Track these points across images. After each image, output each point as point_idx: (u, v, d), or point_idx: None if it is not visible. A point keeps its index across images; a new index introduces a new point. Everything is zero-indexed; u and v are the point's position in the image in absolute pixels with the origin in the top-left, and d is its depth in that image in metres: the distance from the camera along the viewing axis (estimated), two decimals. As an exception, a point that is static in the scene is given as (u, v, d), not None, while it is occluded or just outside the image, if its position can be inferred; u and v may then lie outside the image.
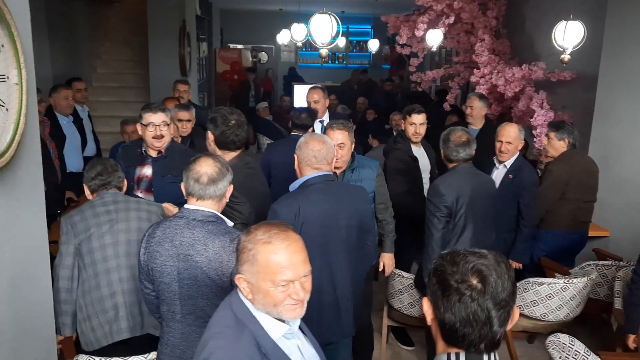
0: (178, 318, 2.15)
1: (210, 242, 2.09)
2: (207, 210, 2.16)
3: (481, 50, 6.18)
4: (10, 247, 1.95)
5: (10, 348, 1.96)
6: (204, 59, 10.68)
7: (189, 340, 2.15)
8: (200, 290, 2.10)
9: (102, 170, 2.72)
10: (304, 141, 2.61)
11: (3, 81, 1.81)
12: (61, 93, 4.99)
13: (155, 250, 2.11)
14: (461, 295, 1.27)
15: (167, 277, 2.11)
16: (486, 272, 1.28)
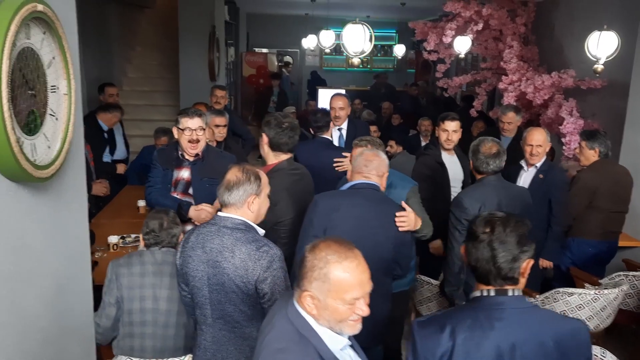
0: (209, 322, 2.25)
1: (237, 249, 2.16)
2: (237, 217, 2.23)
3: (509, 57, 6.15)
4: (56, 251, 2.03)
5: (55, 348, 2.04)
6: (231, 63, 10.81)
7: (219, 343, 2.24)
8: (227, 296, 2.19)
9: (156, 227, 2.69)
10: (360, 152, 2.83)
11: (54, 92, 1.89)
12: (107, 115, 5.26)
13: (189, 255, 2.22)
14: (476, 239, 1.70)
15: (199, 281, 2.21)
16: (495, 222, 1.70)
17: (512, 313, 1.66)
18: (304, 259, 1.64)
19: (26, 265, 1.80)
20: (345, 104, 4.70)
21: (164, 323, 2.64)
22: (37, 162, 1.76)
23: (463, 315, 1.70)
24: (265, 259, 2.16)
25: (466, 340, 1.63)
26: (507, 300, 1.68)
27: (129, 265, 2.64)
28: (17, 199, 1.72)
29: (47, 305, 1.97)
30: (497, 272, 1.67)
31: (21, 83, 1.65)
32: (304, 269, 1.63)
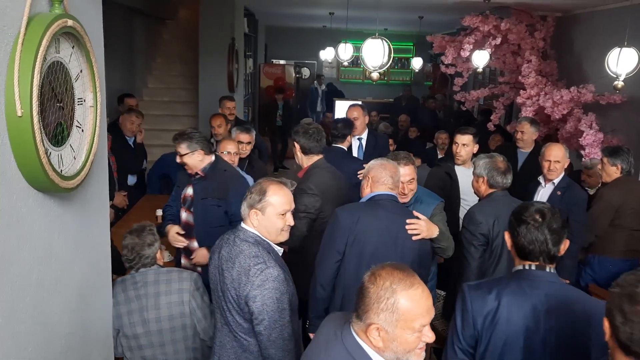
0: (218, 327, 2.37)
1: (237, 261, 2.22)
2: (250, 230, 2.27)
3: (528, 72, 6.14)
4: (80, 260, 2.07)
5: (78, 355, 2.07)
6: (249, 74, 10.92)
7: (224, 349, 2.33)
8: (227, 305, 2.27)
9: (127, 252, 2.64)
10: (379, 164, 2.82)
11: (80, 104, 1.94)
12: (130, 116, 5.24)
13: (211, 257, 2.37)
14: (527, 224, 2.02)
15: (213, 285, 2.34)
16: (545, 211, 2.05)
17: (549, 285, 2.00)
18: (365, 289, 1.57)
19: (52, 274, 1.84)
20: (359, 114, 4.73)
21: (162, 342, 2.63)
22: (63, 173, 1.80)
23: (508, 283, 2.05)
24: (259, 277, 2.15)
25: (509, 302, 1.99)
26: (546, 274, 2.02)
27: (113, 295, 2.56)
28: (44, 209, 1.77)
29: (71, 313, 2.00)
30: (547, 252, 2.01)
31: (50, 96, 1.69)
32: (366, 300, 1.57)
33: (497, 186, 3.22)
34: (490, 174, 3.23)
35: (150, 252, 2.66)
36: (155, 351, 2.64)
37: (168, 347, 2.64)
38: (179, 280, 2.64)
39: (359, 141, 4.83)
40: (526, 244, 2.02)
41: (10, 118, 1.51)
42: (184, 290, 2.62)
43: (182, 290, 2.62)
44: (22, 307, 1.64)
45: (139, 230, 2.70)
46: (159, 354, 2.64)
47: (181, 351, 2.67)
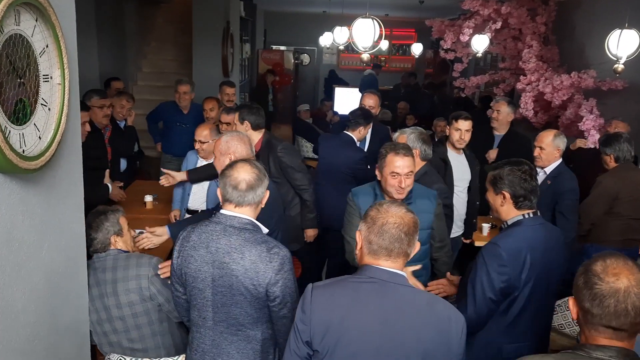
0: (209, 325, 2.14)
1: (247, 250, 2.06)
2: (244, 217, 2.14)
3: (529, 57, 6.01)
4: (48, 244, 1.97)
5: (46, 344, 1.99)
6: (246, 59, 10.77)
7: (220, 347, 2.14)
8: (234, 298, 2.09)
9: (90, 227, 2.54)
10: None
11: (46, 81, 1.84)
12: (121, 99, 5.12)
13: (190, 254, 2.11)
14: (525, 179, 2.37)
15: (201, 283, 2.10)
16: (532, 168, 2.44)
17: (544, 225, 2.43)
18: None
19: (14, 260, 1.75)
20: (375, 104, 4.73)
21: (126, 328, 2.55)
22: (26, 153, 1.70)
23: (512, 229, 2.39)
24: (277, 261, 2.07)
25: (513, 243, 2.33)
26: (539, 218, 2.43)
27: None
28: (4, 191, 1.67)
29: (37, 300, 1.91)
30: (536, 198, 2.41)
31: (9, 70, 1.59)
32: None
33: (426, 158, 3.26)
34: (422, 146, 3.28)
35: (101, 236, 2.57)
36: (120, 337, 2.55)
37: (133, 332, 2.55)
38: (137, 266, 2.54)
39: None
40: (523, 192, 2.36)
41: (-40, 92, 1.41)
42: (141, 276, 2.52)
43: (139, 277, 2.51)
44: (-22, 294, 1.55)
45: (95, 214, 2.62)
46: (124, 340, 2.56)
47: (147, 336, 2.57)
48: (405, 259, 1.80)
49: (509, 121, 4.81)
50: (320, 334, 1.73)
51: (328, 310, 1.74)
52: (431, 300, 1.78)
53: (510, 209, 2.41)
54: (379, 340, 1.70)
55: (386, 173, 2.81)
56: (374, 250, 1.78)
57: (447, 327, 1.73)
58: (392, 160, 2.78)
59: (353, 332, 1.72)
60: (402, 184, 2.78)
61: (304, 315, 1.76)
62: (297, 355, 1.79)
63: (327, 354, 1.74)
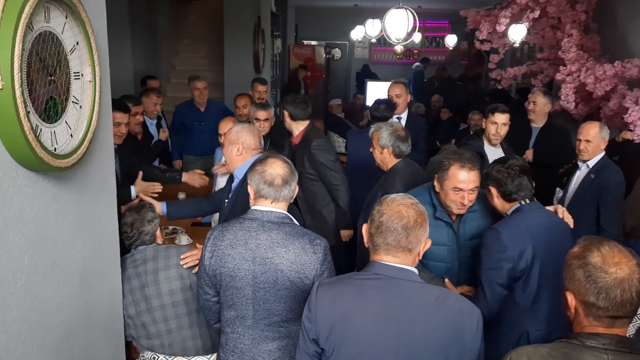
0: (249, 324, 2.09)
1: (290, 243, 2.03)
2: (281, 211, 2.10)
3: (568, 46, 5.79)
4: (81, 242, 1.97)
5: (80, 342, 1.99)
6: (277, 55, 10.75)
7: (260, 345, 2.10)
8: (278, 294, 2.04)
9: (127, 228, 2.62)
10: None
11: (77, 78, 1.83)
12: (151, 98, 5.07)
13: (227, 254, 2.06)
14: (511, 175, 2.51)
15: (240, 281, 2.06)
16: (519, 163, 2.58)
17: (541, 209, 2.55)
18: None
19: (48, 258, 1.75)
20: (402, 91, 4.62)
21: (165, 317, 2.56)
22: (57, 151, 1.69)
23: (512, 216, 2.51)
24: (321, 252, 2.05)
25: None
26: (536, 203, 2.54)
27: None
28: (36, 189, 1.67)
29: (71, 298, 1.91)
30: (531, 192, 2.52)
31: (39, 68, 1.58)
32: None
33: (401, 155, 3.17)
34: (395, 143, 3.16)
35: (150, 229, 2.63)
36: (159, 327, 2.55)
37: (172, 322, 2.55)
38: (178, 256, 2.57)
39: (398, 120, 4.66)
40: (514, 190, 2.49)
41: (-9, 91, 1.40)
42: (182, 265, 2.55)
43: (180, 265, 2.55)
44: (12, 293, 1.55)
45: (138, 207, 2.68)
46: (163, 331, 2.56)
47: (186, 326, 2.57)
48: (408, 254, 1.72)
49: (547, 112, 4.65)
50: (325, 332, 1.71)
51: (332, 308, 1.72)
52: (441, 295, 1.71)
53: (503, 203, 2.57)
54: (384, 337, 1.66)
55: (447, 187, 2.58)
56: (375, 245, 1.75)
57: (459, 321, 1.67)
58: (456, 174, 2.55)
59: (357, 330, 1.68)
60: (464, 200, 2.56)
61: (310, 313, 1.75)
62: (307, 354, 1.77)
63: (333, 352, 1.70)
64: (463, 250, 2.72)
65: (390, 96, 4.61)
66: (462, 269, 2.74)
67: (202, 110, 5.60)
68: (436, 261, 2.72)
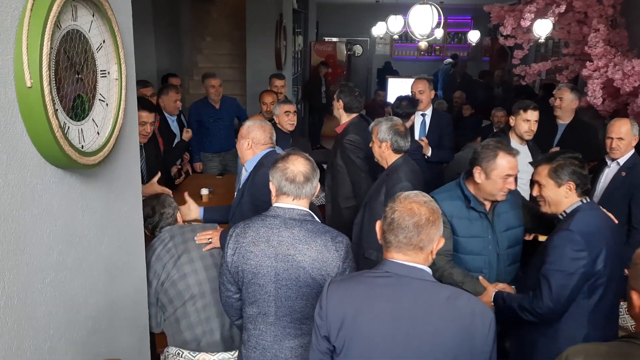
0: (271, 320, 2.09)
1: (312, 241, 2.03)
2: (303, 209, 2.10)
3: (595, 41, 5.67)
4: (107, 238, 2.00)
5: (106, 337, 2.01)
6: (299, 52, 10.75)
7: (282, 342, 2.10)
8: (300, 291, 2.04)
9: (150, 213, 2.72)
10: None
11: (104, 76, 1.84)
12: (170, 96, 5.04)
13: (249, 251, 2.07)
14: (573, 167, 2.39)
15: (262, 278, 2.06)
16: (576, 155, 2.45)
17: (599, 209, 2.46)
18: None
19: (75, 254, 1.77)
20: (425, 87, 4.57)
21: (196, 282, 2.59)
22: (84, 149, 1.71)
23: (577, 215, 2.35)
24: (343, 250, 2.05)
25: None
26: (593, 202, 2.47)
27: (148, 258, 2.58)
28: (64, 186, 1.69)
29: (97, 294, 1.94)
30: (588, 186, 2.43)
31: (67, 66, 1.60)
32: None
33: (400, 151, 3.14)
34: (394, 138, 3.13)
35: (171, 211, 2.76)
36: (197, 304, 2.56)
37: (205, 287, 2.58)
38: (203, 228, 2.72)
39: (422, 117, 4.65)
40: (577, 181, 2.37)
41: (20, 89, 1.42)
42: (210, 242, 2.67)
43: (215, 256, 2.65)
44: (40, 288, 1.57)
45: (156, 195, 2.84)
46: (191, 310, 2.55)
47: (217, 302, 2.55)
48: (419, 252, 1.69)
49: (573, 109, 4.56)
50: (335, 329, 1.70)
51: (342, 305, 1.71)
52: (453, 294, 1.68)
53: (573, 198, 2.42)
54: (394, 335, 1.64)
55: (497, 175, 2.57)
56: (387, 243, 1.73)
57: (470, 321, 1.63)
58: (506, 161, 2.58)
59: (367, 327, 1.66)
60: (512, 185, 2.61)
61: (321, 310, 1.74)
62: (319, 351, 1.77)
63: (343, 350, 1.70)
64: (500, 242, 2.69)
65: (413, 92, 4.58)
66: (501, 261, 2.71)
67: (217, 107, 5.61)
68: (473, 254, 2.70)
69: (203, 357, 2.30)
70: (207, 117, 5.56)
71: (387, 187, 3.10)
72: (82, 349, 1.84)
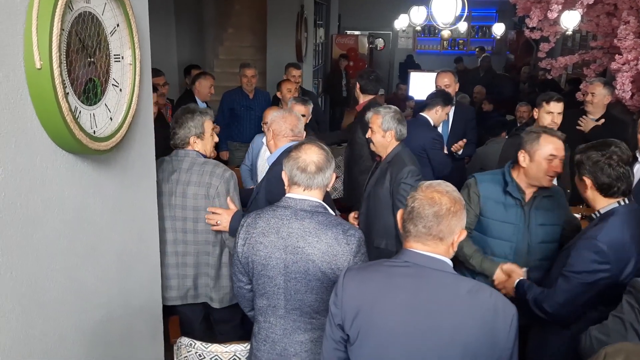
0: (281, 313, 2.04)
1: (323, 233, 1.96)
2: (314, 200, 2.03)
3: (625, 34, 5.48)
4: (120, 226, 1.97)
5: (119, 326, 2.00)
6: (320, 44, 10.67)
7: (291, 336, 2.04)
8: (309, 284, 1.98)
9: (176, 122, 2.66)
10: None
11: (117, 61, 1.81)
12: (208, 80, 5.13)
13: (259, 241, 2.01)
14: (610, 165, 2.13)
15: (272, 270, 2.00)
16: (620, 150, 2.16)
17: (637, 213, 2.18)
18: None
19: (86, 241, 1.75)
20: (451, 81, 4.52)
21: (184, 229, 2.65)
22: (97, 134, 1.68)
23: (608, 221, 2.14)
24: (354, 243, 1.98)
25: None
26: (634, 204, 2.20)
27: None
28: (75, 172, 1.66)
29: (109, 282, 1.92)
30: (631, 185, 2.18)
31: (78, 48, 1.56)
32: None
33: (401, 138, 3.12)
34: (398, 126, 3.09)
35: (182, 134, 2.65)
36: (177, 236, 2.66)
37: (190, 235, 2.65)
38: (210, 175, 2.62)
39: None
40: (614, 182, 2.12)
41: (30, 70, 1.39)
42: (211, 185, 2.61)
43: (209, 186, 2.61)
44: (49, 275, 1.55)
45: (184, 109, 2.71)
46: (180, 239, 2.66)
47: (202, 242, 2.66)
48: (439, 242, 1.62)
49: (605, 104, 4.41)
50: (350, 318, 1.64)
51: (359, 295, 1.64)
52: (474, 287, 1.60)
53: (597, 197, 2.22)
54: (411, 328, 1.57)
55: (540, 156, 2.54)
56: (406, 232, 1.66)
57: (492, 317, 1.55)
58: (550, 141, 2.54)
59: (383, 318, 1.59)
60: (558, 168, 2.54)
61: (336, 298, 1.68)
62: (333, 340, 1.71)
63: (357, 339, 1.63)
64: (533, 235, 2.61)
65: (438, 86, 4.51)
66: (531, 254, 2.63)
67: (250, 97, 5.61)
68: (501, 239, 2.65)
69: (215, 348, 2.26)
70: (239, 106, 5.59)
71: (391, 173, 3.07)
72: (93, 337, 1.82)
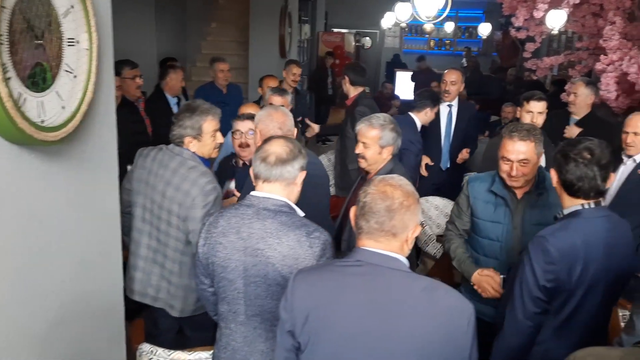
0: (241, 320, 1.92)
1: (284, 235, 1.83)
2: (279, 198, 1.89)
3: (611, 34, 5.44)
4: (77, 224, 1.84)
5: (73, 331, 1.86)
6: (305, 41, 10.54)
7: (253, 344, 1.92)
8: (269, 289, 1.85)
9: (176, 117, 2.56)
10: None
11: (72, 45, 1.68)
12: (179, 73, 4.87)
13: (218, 242, 1.88)
14: (578, 162, 1.98)
15: (231, 273, 1.87)
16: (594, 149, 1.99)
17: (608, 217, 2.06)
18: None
19: (39, 240, 1.62)
20: (458, 79, 4.46)
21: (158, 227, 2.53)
22: (45, 123, 1.55)
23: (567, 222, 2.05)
24: (318, 246, 1.84)
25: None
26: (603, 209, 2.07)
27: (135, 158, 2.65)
28: (22, 165, 1.53)
29: (61, 284, 1.78)
30: (597, 188, 2.00)
31: (22, 29, 1.43)
32: None
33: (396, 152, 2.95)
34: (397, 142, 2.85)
35: (177, 132, 2.54)
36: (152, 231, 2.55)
37: (162, 236, 2.52)
38: (192, 184, 2.44)
39: (449, 108, 4.53)
40: (574, 181, 2.00)
41: (-38, 50, 1.26)
42: (189, 194, 2.43)
43: (187, 194, 2.43)
44: None
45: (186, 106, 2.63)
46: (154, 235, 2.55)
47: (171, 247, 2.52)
48: (392, 239, 1.51)
49: (589, 104, 4.35)
50: (300, 324, 1.53)
51: (309, 297, 1.53)
52: (429, 286, 1.51)
53: (563, 195, 2.09)
54: (365, 329, 1.47)
55: (499, 156, 2.53)
56: (359, 229, 1.56)
57: (448, 316, 1.47)
58: (504, 143, 2.48)
59: (335, 321, 1.49)
60: (512, 171, 2.43)
61: (286, 303, 1.56)
62: (284, 349, 1.59)
63: (308, 345, 1.52)
64: (528, 234, 2.46)
65: (445, 82, 4.47)
66: None
67: (224, 92, 5.44)
68: (490, 239, 2.59)
69: (178, 355, 2.13)
70: (213, 102, 5.37)
71: None
72: (42, 343, 1.68)
